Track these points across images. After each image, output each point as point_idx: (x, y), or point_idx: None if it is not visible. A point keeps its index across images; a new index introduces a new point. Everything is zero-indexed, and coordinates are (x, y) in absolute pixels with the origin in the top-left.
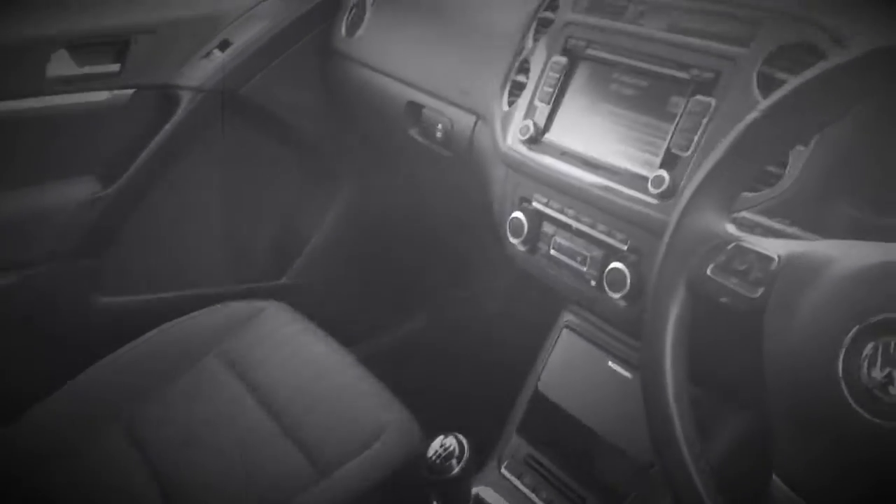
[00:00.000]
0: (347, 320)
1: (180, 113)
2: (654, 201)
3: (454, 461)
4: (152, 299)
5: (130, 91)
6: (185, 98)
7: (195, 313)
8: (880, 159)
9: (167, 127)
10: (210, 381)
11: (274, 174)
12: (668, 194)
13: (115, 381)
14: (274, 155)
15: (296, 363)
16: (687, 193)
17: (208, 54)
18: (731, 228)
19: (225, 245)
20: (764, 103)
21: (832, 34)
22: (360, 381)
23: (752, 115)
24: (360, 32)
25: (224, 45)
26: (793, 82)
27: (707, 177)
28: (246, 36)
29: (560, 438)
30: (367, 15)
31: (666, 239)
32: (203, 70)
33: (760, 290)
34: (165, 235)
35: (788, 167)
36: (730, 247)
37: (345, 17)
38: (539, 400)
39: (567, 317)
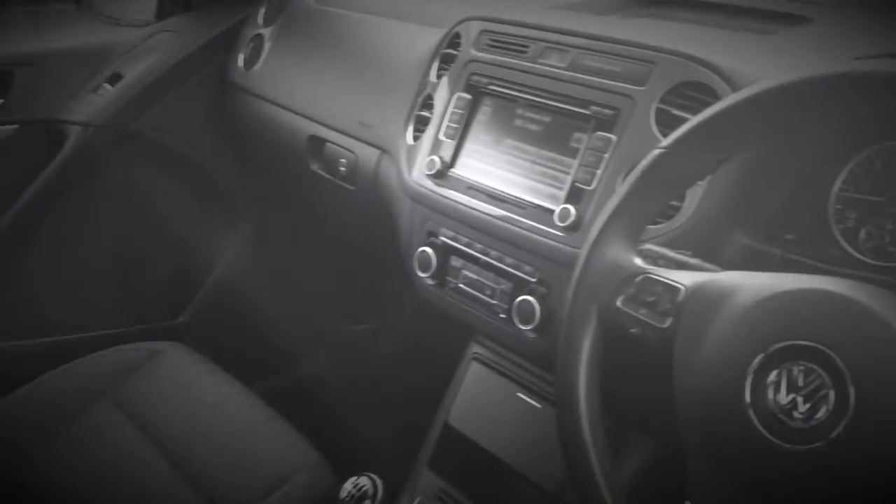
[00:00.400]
0: (250, 358)
1: (68, 149)
2: (560, 234)
3: (368, 502)
4: (41, 343)
5: (14, 126)
6: (74, 133)
7: (87, 357)
8: (770, 191)
9: (54, 163)
10: (105, 429)
11: (170, 210)
12: (574, 227)
13: None
14: (170, 190)
15: (197, 407)
16: (595, 228)
17: (97, 88)
18: (638, 261)
19: (119, 285)
20: (666, 140)
21: (722, 74)
22: (266, 422)
23: (656, 152)
24: (258, 66)
25: (115, 79)
26: (693, 120)
27: (614, 212)
28: (138, 69)
29: (472, 471)
30: (266, 48)
31: (576, 273)
32: (92, 104)
33: (669, 321)
34: (55, 275)
35: (686, 200)
36: (638, 279)
37: (242, 51)
38: (450, 433)
39: (475, 348)
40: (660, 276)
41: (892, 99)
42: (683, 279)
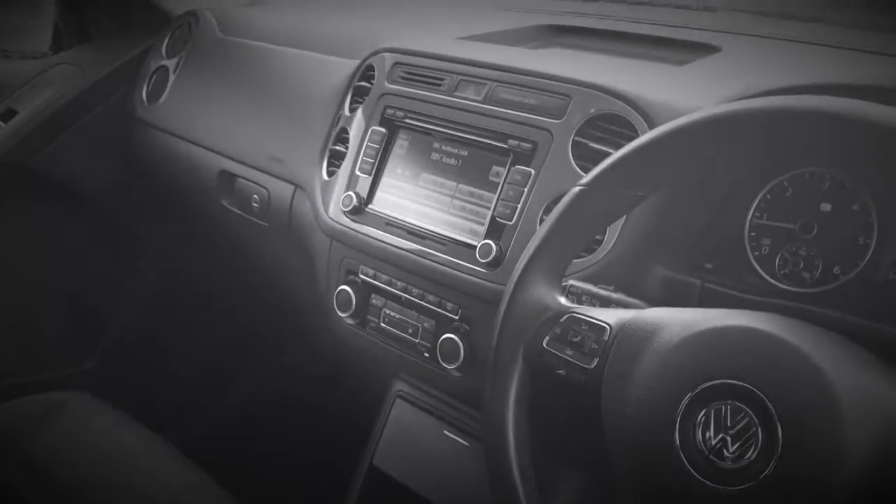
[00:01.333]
0: (162, 404)
1: None
2: (482, 270)
3: None
4: None
5: None
6: None
7: None
8: (687, 222)
9: None
10: (8, 491)
11: (72, 251)
12: (496, 263)
13: None
14: (73, 230)
15: (108, 460)
16: (518, 269)
17: None
18: (563, 300)
19: (17, 332)
20: (585, 178)
21: (635, 105)
22: (181, 472)
23: (576, 190)
24: (163, 99)
25: (8, 115)
26: (610, 158)
27: (536, 251)
28: (34, 104)
29: None
30: (171, 80)
31: (500, 314)
32: None
33: (595, 361)
34: None
35: (606, 234)
36: (564, 318)
37: (145, 83)
38: (375, 475)
39: (399, 385)
40: (585, 315)
41: (790, 132)
42: (608, 318)
